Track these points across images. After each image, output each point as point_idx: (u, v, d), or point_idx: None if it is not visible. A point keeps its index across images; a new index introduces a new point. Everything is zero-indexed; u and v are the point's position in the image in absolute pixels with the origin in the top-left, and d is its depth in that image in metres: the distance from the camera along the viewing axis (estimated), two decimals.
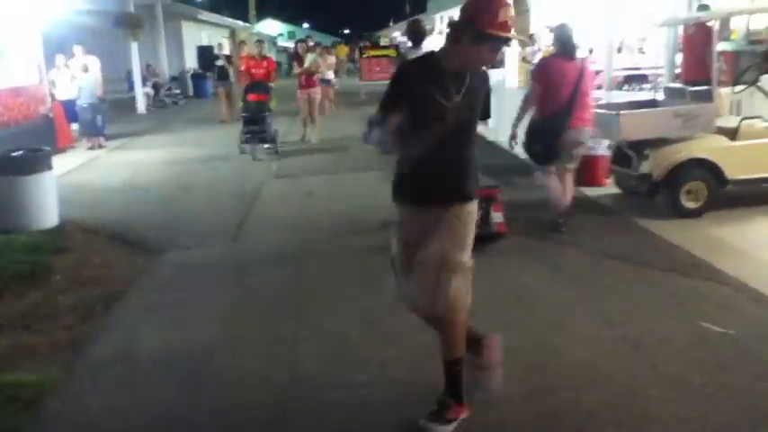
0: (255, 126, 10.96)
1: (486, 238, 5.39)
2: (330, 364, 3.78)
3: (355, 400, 3.40)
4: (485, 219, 5.60)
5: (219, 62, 17.55)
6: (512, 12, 2.83)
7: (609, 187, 7.50)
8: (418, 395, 3.37)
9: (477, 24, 2.81)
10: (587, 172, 7.26)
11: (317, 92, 12.46)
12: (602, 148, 7.39)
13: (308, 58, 12.32)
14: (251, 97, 11.25)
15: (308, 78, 12.26)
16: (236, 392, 3.54)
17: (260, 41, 13.72)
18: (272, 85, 11.94)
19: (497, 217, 5.76)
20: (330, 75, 14.36)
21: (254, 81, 11.66)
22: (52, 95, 12.77)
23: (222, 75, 17.18)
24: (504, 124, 9.94)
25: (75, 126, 13.48)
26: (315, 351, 3.97)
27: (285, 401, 3.44)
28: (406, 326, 4.17)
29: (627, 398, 3.29)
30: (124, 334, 4.35)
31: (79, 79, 12.87)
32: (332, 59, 15.72)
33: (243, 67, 12.83)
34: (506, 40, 2.88)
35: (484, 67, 3.13)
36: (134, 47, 19.34)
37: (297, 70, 12.47)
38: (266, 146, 11.03)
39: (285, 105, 15.12)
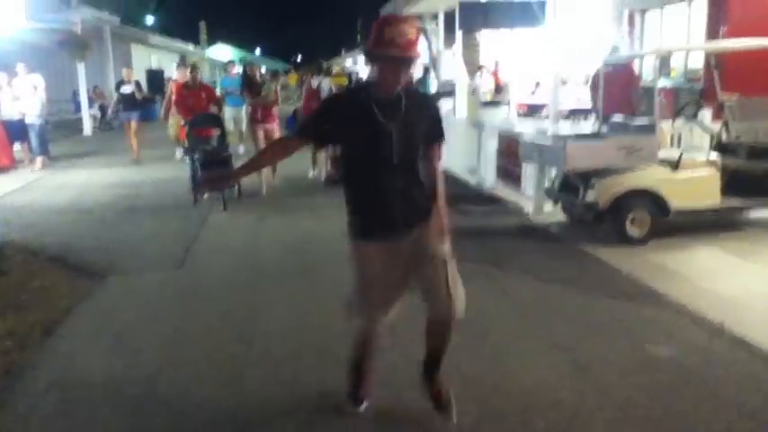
0: (220, 168, 8.65)
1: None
2: (278, 391, 3.71)
3: (304, 428, 3.34)
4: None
5: (126, 89, 13.75)
6: (404, 30, 2.80)
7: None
8: (371, 422, 3.33)
9: (368, 46, 2.90)
10: None
11: (275, 128, 10.16)
12: None
13: (265, 87, 10.32)
14: (197, 132, 9.55)
15: (265, 111, 10.13)
16: (180, 420, 3.44)
17: (194, 66, 11.37)
18: (220, 115, 10.38)
19: None
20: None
21: (194, 114, 9.96)
22: None
23: (129, 104, 13.74)
24: (457, 153, 10.14)
25: (17, 147, 13.13)
26: (262, 377, 3.88)
27: (230, 429, 3.36)
28: None
29: (575, 422, 3.31)
30: (64, 361, 4.19)
31: (28, 98, 12.64)
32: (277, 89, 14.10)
33: (174, 97, 11.49)
34: (396, 57, 2.82)
35: (423, 92, 3.16)
36: (81, 68, 18.98)
37: (250, 101, 10.30)
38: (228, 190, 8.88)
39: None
